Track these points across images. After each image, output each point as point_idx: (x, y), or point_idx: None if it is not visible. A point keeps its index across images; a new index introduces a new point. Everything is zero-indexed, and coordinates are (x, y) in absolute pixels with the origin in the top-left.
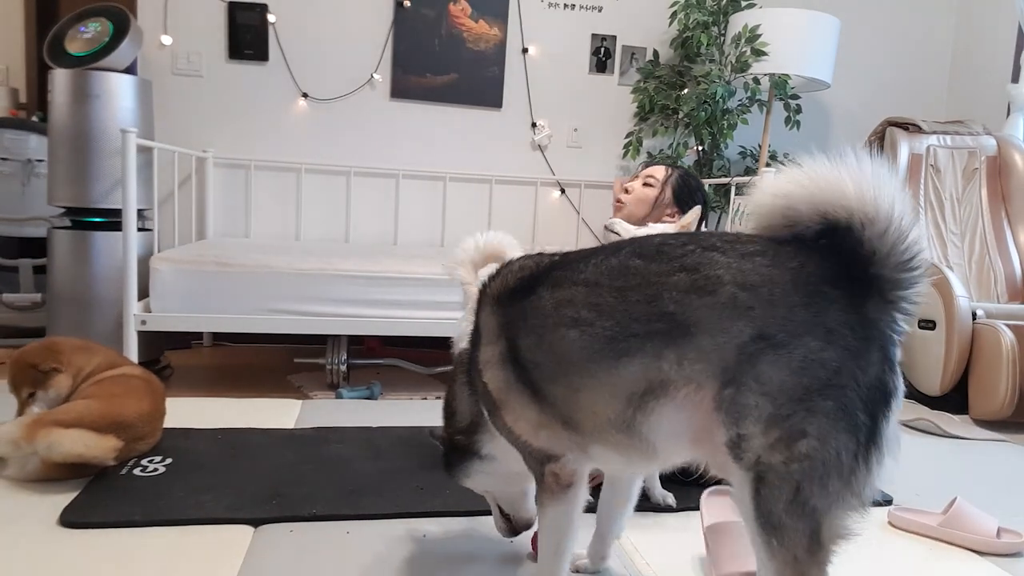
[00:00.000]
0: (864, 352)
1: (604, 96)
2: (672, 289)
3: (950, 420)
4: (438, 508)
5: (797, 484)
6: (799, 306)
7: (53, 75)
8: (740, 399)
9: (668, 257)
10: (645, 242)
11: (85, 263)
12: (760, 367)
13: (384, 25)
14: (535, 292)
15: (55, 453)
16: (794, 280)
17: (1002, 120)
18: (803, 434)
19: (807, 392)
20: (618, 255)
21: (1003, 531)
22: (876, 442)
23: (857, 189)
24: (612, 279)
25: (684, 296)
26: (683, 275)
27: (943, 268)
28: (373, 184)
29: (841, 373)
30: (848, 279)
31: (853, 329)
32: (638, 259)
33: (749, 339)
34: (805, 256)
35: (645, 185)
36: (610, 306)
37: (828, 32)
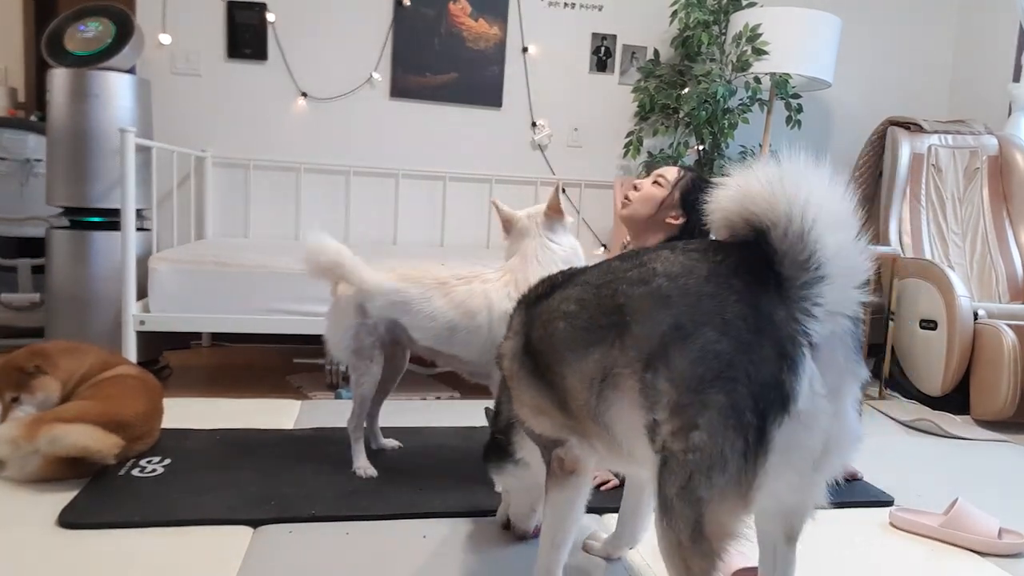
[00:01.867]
0: (756, 346)
1: (604, 95)
2: (625, 283)
3: (951, 420)
4: (438, 508)
5: (689, 473)
6: (706, 296)
7: (52, 74)
8: (655, 385)
9: (635, 256)
10: (629, 256)
11: (84, 263)
12: (671, 355)
13: (384, 24)
14: (552, 294)
15: (58, 446)
16: (709, 272)
17: (1003, 119)
18: (695, 426)
19: (702, 383)
20: (612, 262)
21: (1004, 532)
22: (764, 445)
23: (763, 193)
24: (597, 278)
25: (630, 288)
26: (635, 271)
27: (944, 268)
28: (372, 184)
29: (733, 366)
30: (753, 274)
31: (746, 321)
32: (619, 260)
33: (668, 328)
34: (730, 253)
35: (655, 184)
36: (589, 301)
37: (829, 31)
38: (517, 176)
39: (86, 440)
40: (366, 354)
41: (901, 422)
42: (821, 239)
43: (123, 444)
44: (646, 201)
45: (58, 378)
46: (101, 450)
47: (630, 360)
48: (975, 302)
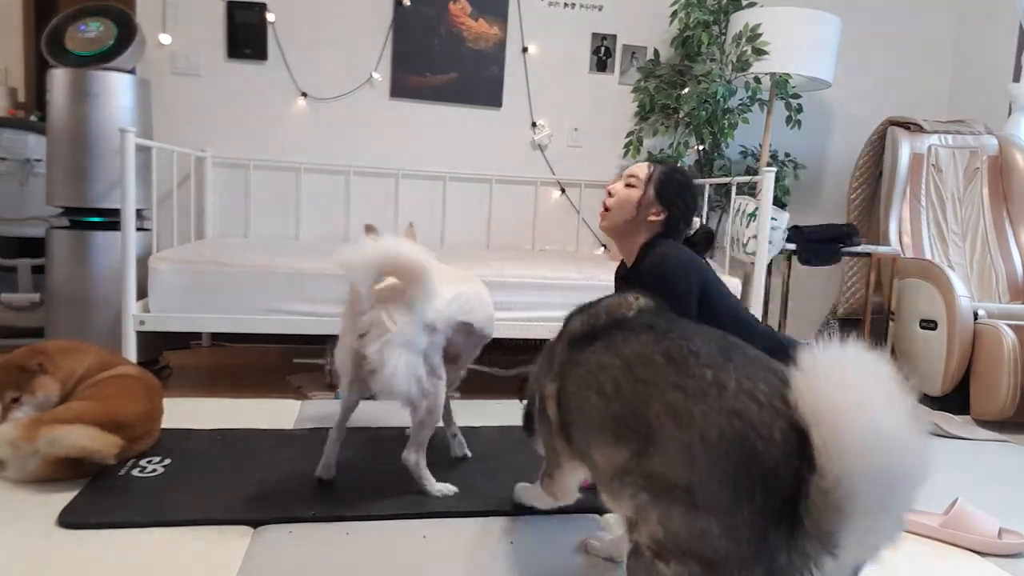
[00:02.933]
0: (749, 564)
1: (604, 95)
2: (664, 394)
3: (951, 420)
4: (438, 509)
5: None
6: (729, 478)
7: (52, 74)
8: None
9: (683, 368)
10: (680, 343)
11: (84, 263)
12: (673, 512)
13: (384, 24)
14: (592, 344)
15: (58, 447)
16: (747, 453)
17: (1003, 119)
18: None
19: (690, 552)
20: (661, 343)
21: (1004, 532)
22: None
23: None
24: (639, 365)
25: (665, 409)
26: (678, 384)
27: (944, 268)
28: (372, 183)
29: (724, 564)
30: (783, 487)
31: (753, 534)
32: (662, 357)
33: (681, 487)
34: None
35: (628, 186)
36: (624, 390)
37: (829, 31)
38: (517, 176)
39: (85, 441)
40: (438, 373)
41: None
42: (854, 519)
43: (123, 444)
44: (623, 206)
45: (58, 378)
46: (101, 450)
47: (646, 482)
48: (975, 302)
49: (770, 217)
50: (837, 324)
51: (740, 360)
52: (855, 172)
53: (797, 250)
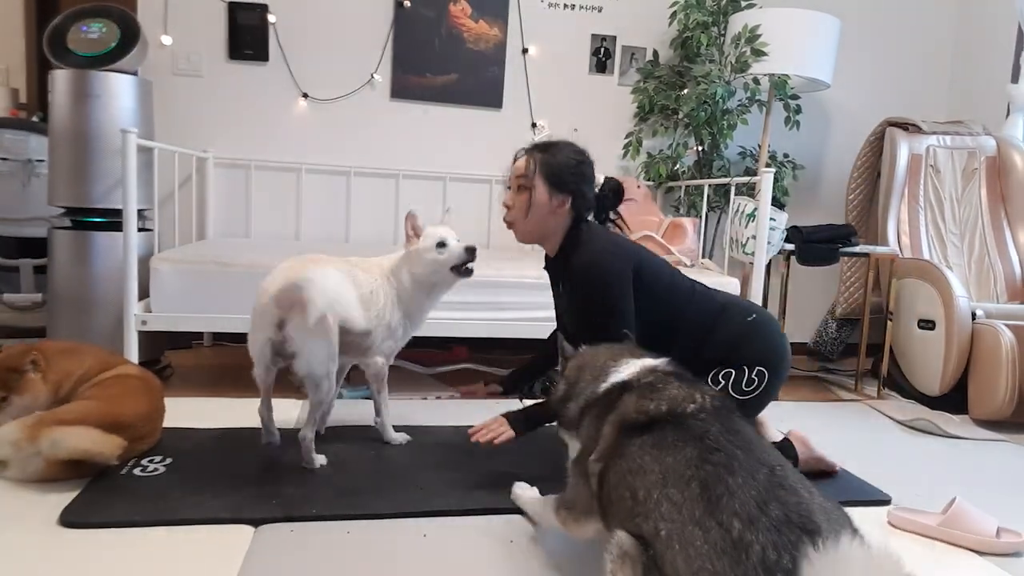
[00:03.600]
0: None
1: (604, 96)
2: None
3: (949, 420)
4: (438, 508)
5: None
6: None
7: (53, 75)
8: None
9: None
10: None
11: (85, 263)
12: None
13: (384, 25)
14: (642, 436)
15: (60, 449)
16: None
17: (1002, 120)
18: None
19: None
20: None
21: (1003, 531)
22: None
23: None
24: (673, 485)
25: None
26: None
27: (943, 268)
28: (373, 184)
29: None
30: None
31: None
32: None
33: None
34: None
35: (520, 189)
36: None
37: (828, 32)
38: None
39: (87, 443)
40: (334, 359)
41: (899, 422)
42: None
43: (125, 445)
44: (525, 214)
45: (50, 380)
46: (103, 452)
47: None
48: (973, 302)
49: (769, 217)
50: (835, 324)
51: (776, 515)
52: (853, 173)
53: (796, 250)
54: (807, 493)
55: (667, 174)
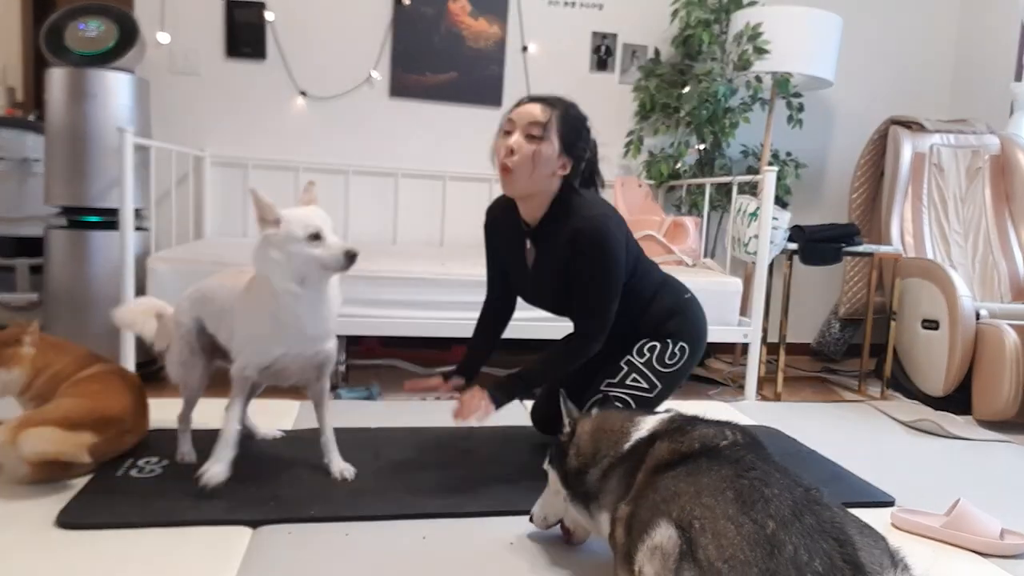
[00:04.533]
0: None
1: (605, 94)
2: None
3: (953, 421)
4: (438, 509)
5: None
6: None
7: (50, 74)
8: None
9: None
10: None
11: (82, 263)
12: None
13: (383, 23)
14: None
15: (27, 453)
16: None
17: (1005, 119)
18: None
19: None
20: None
21: (1006, 533)
22: None
23: None
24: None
25: None
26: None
27: (946, 268)
28: (372, 183)
29: None
30: None
31: None
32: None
33: None
34: None
35: (530, 138)
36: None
37: (831, 30)
38: None
39: (44, 445)
40: (188, 360)
41: (903, 422)
42: None
43: (91, 442)
44: (530, 164)
45: (35, 364)
46: (64, 451)
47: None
48: (977, 302)
49: (771, 217)
50: (838, 324)
51: (810, 523)
52: (856, 171)
53: (798, 249)
54: (841, 511)
55: (669, 173)
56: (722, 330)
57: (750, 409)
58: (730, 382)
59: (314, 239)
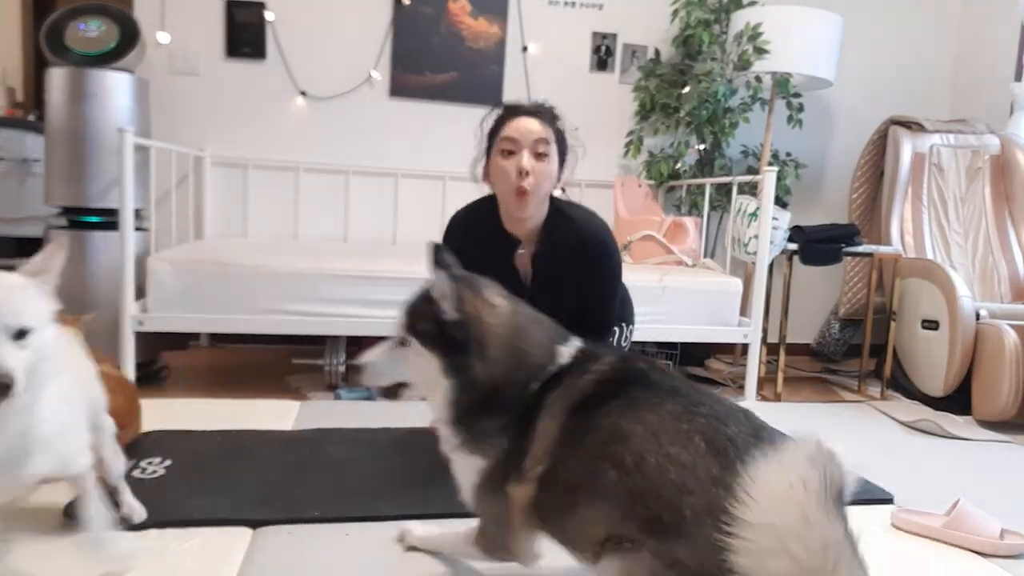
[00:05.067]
0: None
1: (605, 95)
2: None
3: (953, 421)
4: (438, 510)
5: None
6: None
7: (50, 74)
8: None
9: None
10: (716, 425)
11: (82, 263)
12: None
13: (383, 23)
14: (606, 406)
15: None
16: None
17: (1005, 119)
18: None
19: None
20: (694, 419)
21: (1006, 533)
22: None
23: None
24: (673, 444)
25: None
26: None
27: (946, 268)
28: (372, 183)
29: None
30: None
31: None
32: (702, 441)
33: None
34: None
35: (538, 156)
36: (651, 470)
37: (831, 30)
38: None
39: None
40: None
41: (903, 422)
42: None
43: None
44: (544, 184)
45: None
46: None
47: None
48: (977, 302)
49: (771, 217)
50: (838, 324)
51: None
52: (856, 172)
53: (798, 250)
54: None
55: (668, 173)
56: (722, 330)
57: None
58: (730, 382)
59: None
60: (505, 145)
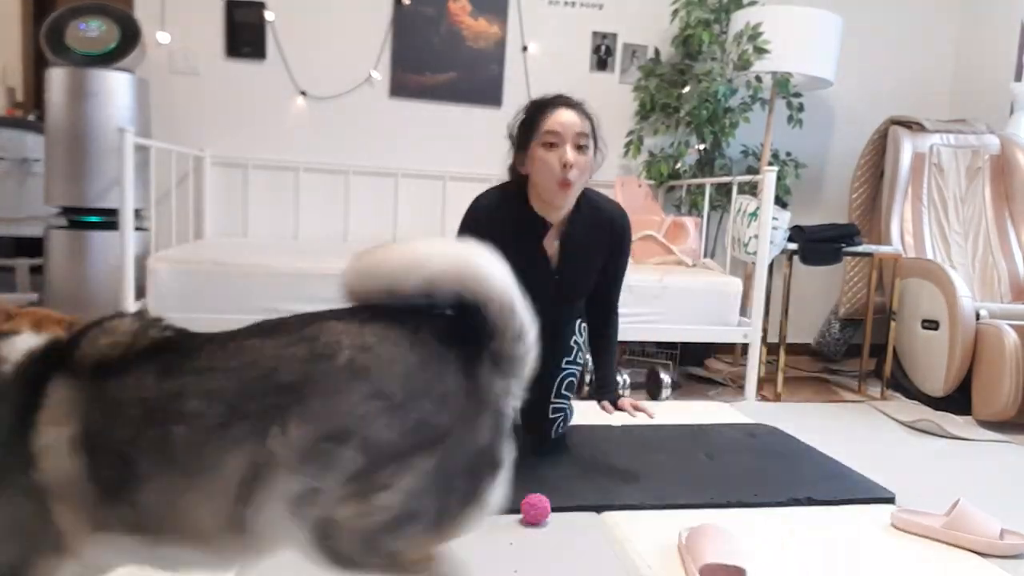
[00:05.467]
0: (476, 418)
1: (605, 94)
2: (293, 362)
3: (953, 421)
4: None
5: (371, 532)
6: (416, 366)
7: (50, 74)
8: (335, 452)
9: (288, 330)
10: (267, 322)
11: (82, 263)
12: (371, 424)
13: (383, 23)
14: (134, 373)
15: None
16: (412, 343)
17: (1005, 119)
18: (386, 487)
19: (410, 450)
20: (236, 337)
21: (1006, 533)
22: (478, 502)
23: (483, 269)
24: (228, 360)
25: (306, 366)
26: (303, 347)
27: (946, 268)
28: (372, 183)
29: (450, 435)
30: (465, 347)
31: (468, 395)
32: (257, 337)
33: (368, 398)
34: (421, 321)
35: (579, 149)
36: (222, 390)
37: (831, 30)
38: None
39: None
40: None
41: (903, 422)
42: (525, 318)
43: None
44: (585, 175)
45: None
46: None
47: (303, 438)
48: (977, 302)
49: (771, 217)
50: (838, 324)
51: (363, 314)
52: (856, 171)
53: (798, 250)
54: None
55: (669, 173)
56: (722, 330)
57: (750, 409)
58: (730, 382)
59: None
60: (548, 138)
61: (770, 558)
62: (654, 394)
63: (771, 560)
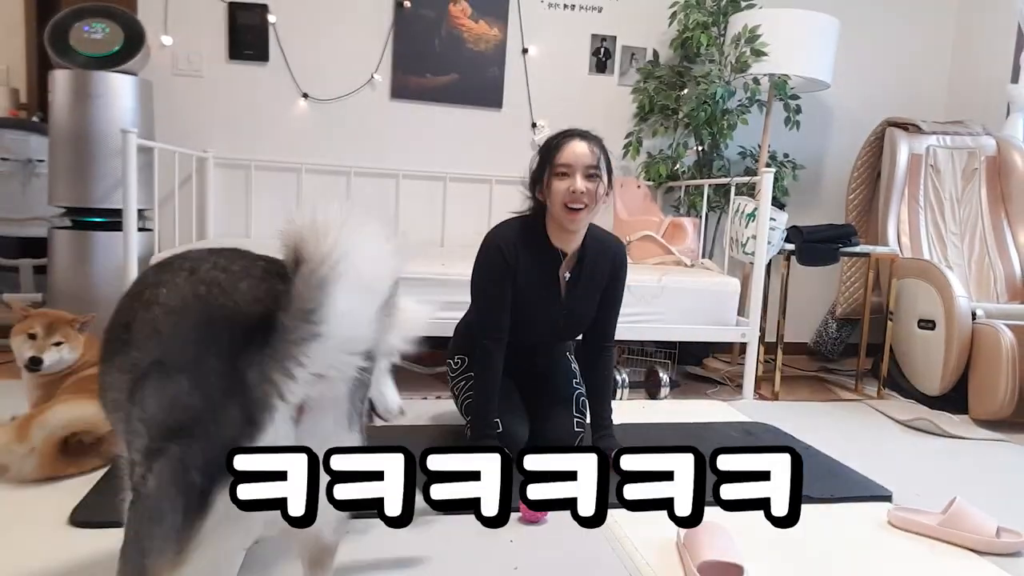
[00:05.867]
0: (223, 407)
1: (604, 96)
2: (137, 303)
3: (950, 420)
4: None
5: (140, 518)
6: (191, 342)
7: (54, 75)
8: (132, 422)
9: (162, 269)
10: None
11: (86, 263)
12: (147, 393)
13: (384, 25)
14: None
15: (50, 431)
16: (201, 315)
17: (1002, 120)
18: (151, 471)
19: (168, 431)
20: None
21: (1002, 531)
22: (205, 509)
23: (303, 232)
24: (133, 287)
25: (139, 308)
26: (150, 291)
27: (943, 268)
28: (373, 184)
29: (197, 422)
30: (245, 324)
31: (220, 378)
32: (156, 269)
33: (152, 362)
34: (237, 288)
35: (589, 178)
36: (121, 308)
37: (828, 32)
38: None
39: (70, 414)
40: None
41: (899, 421)
42: (336, 297)
43: None
44: (594, 204)
45: (84, 347)
46: (89, 419)
47: (124, 384)
48: (973, 302)
49: (769, 217)
50: (835, 324)
51: (229, 254)
52: (854, 172)
53: (796, 250)
54: None
55: (667, 174)
56: (720, 330)
57: (748, 408)
58: (728, 381)
59: None
60: (561, 168)
61: (767, 555)
62: (653, 393)
63: (768, 557)
